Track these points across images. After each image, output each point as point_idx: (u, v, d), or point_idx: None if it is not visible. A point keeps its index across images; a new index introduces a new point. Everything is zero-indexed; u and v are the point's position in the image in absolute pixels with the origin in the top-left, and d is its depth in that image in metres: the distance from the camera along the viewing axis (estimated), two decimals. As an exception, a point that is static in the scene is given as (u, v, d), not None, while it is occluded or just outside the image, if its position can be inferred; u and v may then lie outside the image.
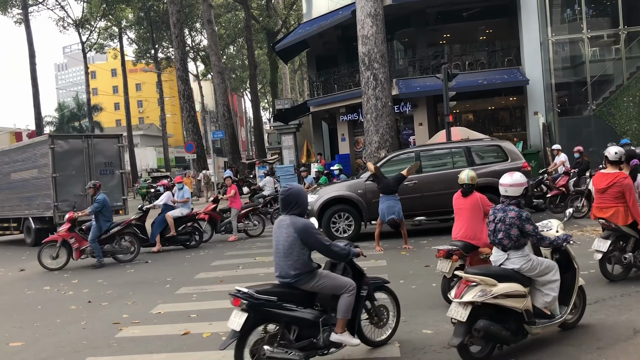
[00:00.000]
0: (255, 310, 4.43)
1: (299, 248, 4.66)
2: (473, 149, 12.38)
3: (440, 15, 24.25)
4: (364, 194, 12.05)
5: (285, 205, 4.78)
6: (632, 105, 21.04)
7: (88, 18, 46.36)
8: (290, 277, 4.69)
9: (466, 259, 6.47)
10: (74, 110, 62.62)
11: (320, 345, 4.64)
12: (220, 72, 31.66)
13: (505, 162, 11.97)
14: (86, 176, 15.08)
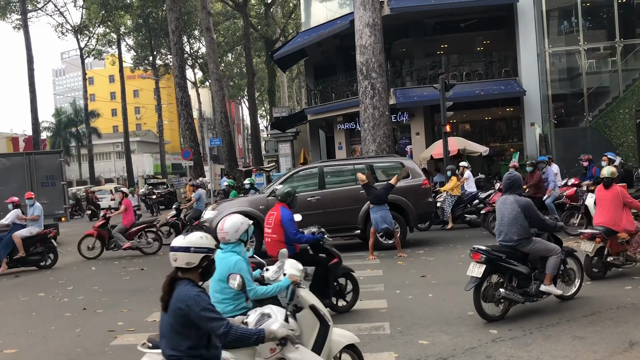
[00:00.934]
0: (491, 263, 6.04)
1: (522, 219, 6.15)
2: (376, 165, 12.35)
3: (438, 26, 24.38)
4: (266, 209, 11.11)
5: (509, 187, 6.39)
6: (628, 117, 21.12)
7: (87, 24, 46.42)
8: (513, 241, 6.22)
9: (607, 242, 7.56)
10: (71, 116, 62.64)
11: (532, 293, 6.24)
12: (218, 79, 31.70)
13: (407, 179, 11.99)
14: (28, 189, 16.09)
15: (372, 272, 9.48)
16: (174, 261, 3.21)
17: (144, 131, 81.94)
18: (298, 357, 3.43)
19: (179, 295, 3.10)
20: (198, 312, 3.04)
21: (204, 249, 3.22)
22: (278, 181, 12.25)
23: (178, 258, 3.19)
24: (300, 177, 12.34)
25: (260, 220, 11.12)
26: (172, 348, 3.12)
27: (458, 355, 5.18)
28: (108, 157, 74.38)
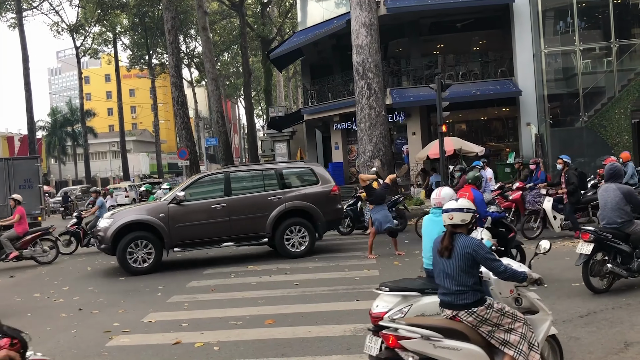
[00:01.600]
0: (598, 241, 6.93)
1: (623, 204, 7.04)
2: (285, 172, 12.06)
3: (434, 26, 24.41)
4: (166, 218, 10.92)
5: (611, 176, 7.33)
6: (624, 117, 21.19)
7: (82, 23, 46.29)
8: (616, 223, 7.06)
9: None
10: (66, 115, 62.50)
11: (634, 269, 7.00)
12: (214, 79, 31.66)
13: (317, 186, 11.87)
14: (6, 190, 18.48)
15: (368, 272, 9.49)
16: (449, 219, 4.05)
17: (140, 130, 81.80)
18: (532, 296, 4.25)
19: (464, 243, 3.95)
20: (483, 255, 3.91)
21: (473, 210, 4.11)
22: (179, 188, 11.65)
23: (454, 217, 4.05)
24: (205, 183, 11.76)
25: (159, 229, 10.78)
26: (459, 285, 3.92)
27: (454, 356, 5.18)
28: (104, 157, 74.24)
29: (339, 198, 12.36)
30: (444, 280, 4.02)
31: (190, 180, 11.95)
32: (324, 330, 6.24)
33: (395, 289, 4.40)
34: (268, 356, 5.54)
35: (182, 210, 10.98)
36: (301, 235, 11.52)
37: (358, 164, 19.87)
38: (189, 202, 11.15)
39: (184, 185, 11.70)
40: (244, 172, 12.58)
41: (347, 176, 25.92)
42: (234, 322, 6.87)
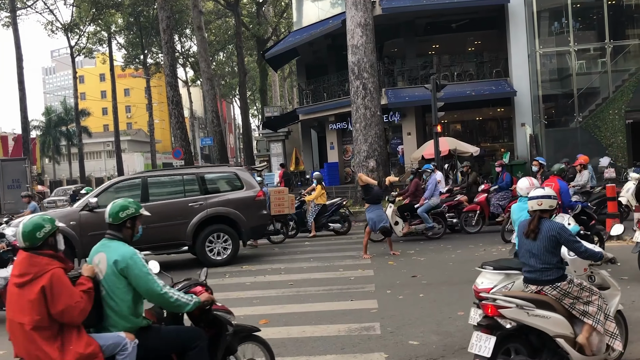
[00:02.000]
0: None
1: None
2: (207, 176, 11.55)
3: (430, 26, 24.44)
4: (78, 225, 10.28)
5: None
6: (618, 118, 21.28)
7: (77, 22, 46.12)
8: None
9: None
10: (61, 115, 62.26)
11: None
12: (209, 78, 31.61)
13: (241, 191, 11.45)
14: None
15: (363, 272, 9.48)
16: (538, 205, 4.50)
17: (135, 130, 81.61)
18: (604, 273, 4.81)
19: (549, 226, 4.43)
20: (566, 237, 4.40)
21: (555, 197, 4.61)
22: (91, 194, 11.07)
23: (543, 203, 4.50)
24: (121, 189, 11.09)
25: (70, 237, 9.96)
26: (544, 263, 4.38)
27: (448, 355, 5.19)
28: (98, 156, 74.04)
29: (264, 204, 11.89)
30: (529, 259, 4.48)
31: (105, 186, 11.24)
32: (318, 330, 6.23)
33: (498, 267, 4.94)
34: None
35: (95, 217, 10.11)
36: (224, 242, 11.05)
37: (353, 164, 19.90)
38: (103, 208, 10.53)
39: (98, 191, 11.03)
40: (163, 177, 12.02)
41: (343, 176, 25.93)
42: (228, 322, 6.85)
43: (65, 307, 3.40)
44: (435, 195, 12.78)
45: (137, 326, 3.74)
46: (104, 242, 3.89)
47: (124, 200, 4.06)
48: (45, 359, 3.37)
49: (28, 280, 3.45)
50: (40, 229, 3.59)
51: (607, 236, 8.71)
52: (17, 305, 3.45)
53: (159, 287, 3.73)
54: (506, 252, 10.56)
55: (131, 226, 3.97)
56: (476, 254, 10.44)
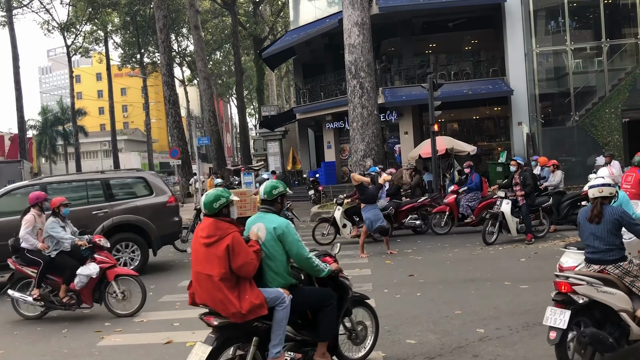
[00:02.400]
0: None
1: None
2: (112, 182, 10.99)
3: (427, 25, 24.46)
4: None
5: None
6: (614, 116, 21.34)
7: (73, 22, 46.01)
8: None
9: None
10: (57, 114, 62.11)
11: None
12: (206, 77, 31.60)
13: (150, 197, 10.93)
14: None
15: (360, 271, 9.49)
16: (599, 193, 4.85)
17: (132, 129, 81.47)
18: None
19: (612, 211, 4.81)
20: (628, 221, 4.79)
21: (614, 185, 4.99)
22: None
23: (604, 190, 4.87)
24: (17, 195, 10.14)
25: None
26: (607, 244, 4.75)
27: (445, 354, 5.20)
28: (95, 156, 73.92)
29: (176, 210, 11.38)
30: (593, 242, 4.83)
31: (3, 192, 10.30)
32: (316, 329, 6.23)
33: (581, 248, 5.29)
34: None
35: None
36: (131, 252, 10.50)
37: (350, 163, 19.89)
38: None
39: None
40: (64, 183, 10.98)
41: (340, 175, 25.95)
42: (225, 322, 6.86)
43: (243, 263, 4.16)
44: (382, 198, 12.71)
45: (289, 284, 4.50)
46: (260, 215, 4.69)
47: (276, 181, 4.81)
48: (228, 304, 4.12)
49: (214, 240, 4.22)
50: (218, 201, 4.33)
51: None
52: (206, 261, 4.22)
53: (306, 252, 4.55)
54: (504, 251, 10.61)
55: (281, 202, 4.73)
56: (473, 254, 10.48)
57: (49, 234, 7.50)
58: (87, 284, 7.33)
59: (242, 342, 4.31)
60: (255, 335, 4.27)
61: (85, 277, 7.29)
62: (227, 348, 4.26)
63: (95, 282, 7.40)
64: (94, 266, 7.35)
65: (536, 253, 9.97)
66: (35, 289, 7.45)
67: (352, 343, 5.08)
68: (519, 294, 7.20)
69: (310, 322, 4.63)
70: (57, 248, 7.52)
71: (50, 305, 7.52)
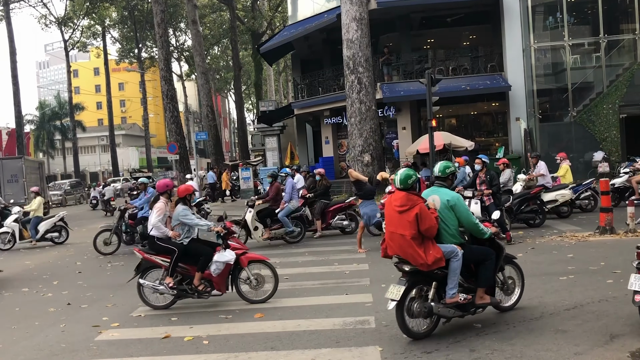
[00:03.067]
0: None
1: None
2: None
3: (425, 21, 24.42)
4: None
5: None
6: (612, 112, 21.37)
7: (71, 16, 45.90)
8: None
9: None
10: (55, 109, 61.93)
11: None
12: (204, 72, 31.54)
13: None
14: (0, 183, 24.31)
15: (358, 266, 9.52)
16: None
17: (130, 124, 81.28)
18: None
19: None
20: None
21: None
22: None
23: None
24: None
25: None
26: None
27: (442, 349, 5.22)
28: (93, 151, 73.74)
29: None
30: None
31: None
32: (313, 324, 6.26)
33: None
34: (257, 350, 5.55)
35: None
36: None
37: (348, 159, 19.89)
38: None
39: None
40: None
41: (338, 171, 25.94)
42: (223, 316, 6.88)
43: (428, 227, 5.36)
44: (295, 199, 12.63)
45: (459, 242, 5.62)
46: (434, 189, 5.86)
47: (446, 162, 5.97)
48: (417, 257, 5.36)
49: (406, 209, 5.41)
50: (410, 179, 5.53)
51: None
52: (400, 224, 5.45)
53: (474, 219, 5.74)
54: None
55: (451, 178, 5.97)
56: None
57: (180, 222, 7.39)
58: (222, 270, 7.24)
59: (424, 285, 5.53)
60: (434, 280, 5.50)
61: (222, 264, 7.20)
62: (413, 288, 5.49)
63: (229, 269, 7.31)
64: (230, 252, 7.24)
65: (533, 248, 9.99)
66: (168, 277, 7.30)
67: (504, 293, 6.22)
68: (516, 289, 7.22)
69: (473, 273, 5.75)
70: (188, 235, 7.43)
71: (183, 293, 7.37)
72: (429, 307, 5.41)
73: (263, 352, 5.47)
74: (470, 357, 4.95)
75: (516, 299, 6.26)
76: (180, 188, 7.67)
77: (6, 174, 23.90)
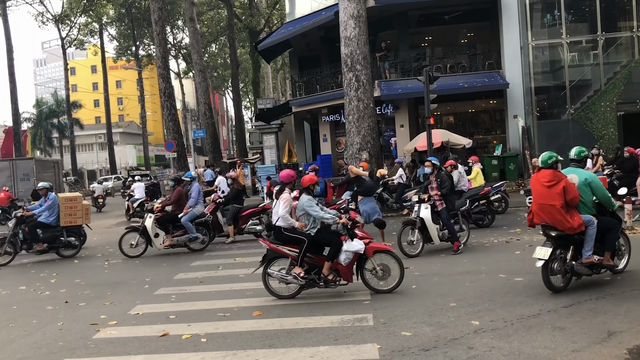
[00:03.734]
0: None
1: None
2: None
3: (423, 18, 24.41)
4: None
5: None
6: (609, 110, 21.40)
7: (68, 13, 45.76)
8: None
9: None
10: (52, 107, 61.77)
11: None
12: (202, 70, 31.46)
13: None
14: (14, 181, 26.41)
15: (356, 264, 9.51)
16: None
17: (127, 122, 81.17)
18: None
19: None
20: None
21: None
22: None
23: None
24: None
25: None
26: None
27: (440, 346, 5.23)
28: (90, 149, 73.64)
29: None
30: None
31: None
32: (311, 322, 6.26)
33: None
34: (255, 347, 5.55)
35: None
36: None
37: (346, 156, 19.87)
38: None
39: None
40: None
41: (336, 168, 25.93)
42: (221, 314, 6.87)
43: (573, 196, 6.58)
44: (200, 204, 12.18)
45: (593, 213, 6.81)
46: (571, 169, 7.04)
47: (580, 147, 7.15)
48: (565, 222, 6.56)
49: (554, 183, 6.60)
50: (550, 159, 6.81)
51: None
52: (549, 196, 6.63)
53: (608, 193, 6.97)
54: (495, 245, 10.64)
55: (585, 161, 7.44)
56: (468, 246, 10.50)
57: (305, 212, 7.35)
58: (351, 260, 7.22)
59: (562, 249, 6.72)
60: (572, 244, 6.74)
61: (351, 254, 7.18)
62: (556, 250, 6.65)
63: (356, 259, 7.29)
64: (359, 242, 7.23)
65: (530, 246, 9.99)
66: (297, 267, 7.26)
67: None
68: (514, 287, 7.23)
69: (599, 240, 6.87)
70: (314, 226, 7.38)
71: (310, 283, 7.33)
72: (570, 265, 6.67)
73: (261, 350, 5.46)
74: (468, 355, 4.96)
75: (625, 262, 7.46)
76: (304, 178, 7.64)
77: (19, 173, 26.78)
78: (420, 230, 9.88)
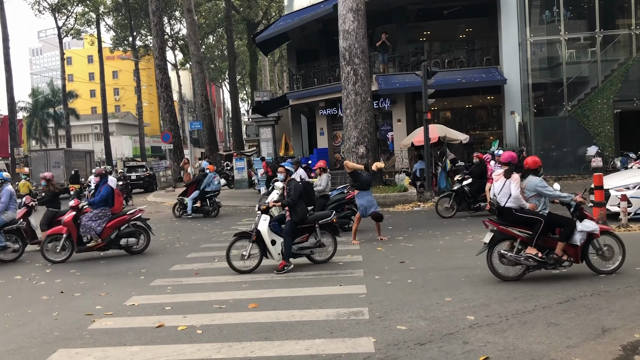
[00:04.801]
0: None
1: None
2: None
3: (421, 13, 24.37)
4: None
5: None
6: (606, 107, 21.45)
7: (65, 2, 45.47)
8: None
9: None
10: (48, 97, 61.53)
11: None
12: (199, 61, 31.37)
13: None
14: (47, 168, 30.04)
15: (352, 257, 9.54)
16: None
17: (123, 113, 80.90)
18: None
19: None
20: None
21: None
22: None
23: None
24: None
25: None
26: None
27: (435, 340, 5.25)
28: (86, 139, 73.39)
29: None
30: None
31: None
32: (307, 315, 6.27)
33: None
34: (251, 340, 5.56)
35: None
36: None
37: (343, 150, 19.87)
38: None
39: None
40: None
41: (332, 162, 25.93)
42: (217, 306, 6.87)
43: None
44: (11, 210, 11.06)
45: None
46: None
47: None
48: None
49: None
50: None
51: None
52: None
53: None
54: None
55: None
56: (464, 241, 10.53)
57: (537, 193, 7.26)
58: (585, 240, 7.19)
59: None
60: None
61: (585, 234, 7.15)
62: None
63: (588, 239, 7.25)
64: (592, 222, 7.21)
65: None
66: (531, 247, 7.15)
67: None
68: (509, 282, 7.26)
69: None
70: (545, 207, 7.29)
71: (542, 263, 7.21)
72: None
73: (257, 342, 5.47)
74: (463, 349, 4.97)
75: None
76: (528, 160, 7.54)
77: (51, 161, 31.92)
78: (257, 243, 8.72)
